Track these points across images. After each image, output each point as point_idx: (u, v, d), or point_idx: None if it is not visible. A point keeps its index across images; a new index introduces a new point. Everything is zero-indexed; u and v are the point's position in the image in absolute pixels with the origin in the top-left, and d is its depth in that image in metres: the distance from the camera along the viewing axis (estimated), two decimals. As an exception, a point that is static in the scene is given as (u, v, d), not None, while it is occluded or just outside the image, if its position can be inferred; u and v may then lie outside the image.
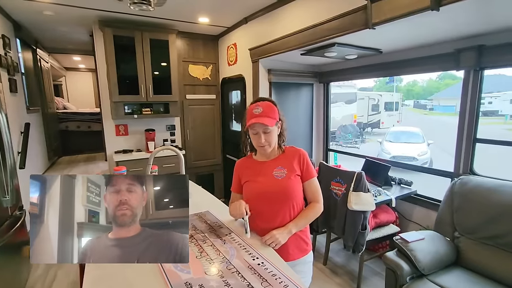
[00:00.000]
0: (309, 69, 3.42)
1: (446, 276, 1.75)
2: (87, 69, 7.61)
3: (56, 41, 4.45)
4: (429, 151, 7.40)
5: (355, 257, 2.73)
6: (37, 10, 2.85)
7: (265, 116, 1.22)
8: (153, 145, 3.60)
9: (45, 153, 4.27)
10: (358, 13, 1.84)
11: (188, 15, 3.12)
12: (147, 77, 3.34)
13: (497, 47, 1.88)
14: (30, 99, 3.66)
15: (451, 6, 1.41)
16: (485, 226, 1.81)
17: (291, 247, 1.28)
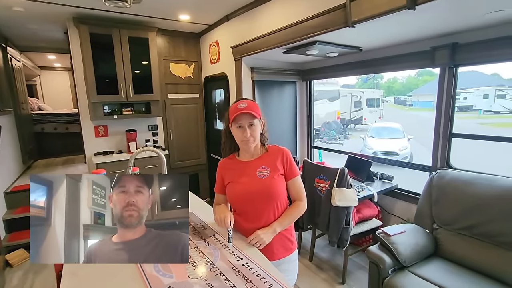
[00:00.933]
0: (291, 67, 3.44)
1: (426, 267, 1.81)
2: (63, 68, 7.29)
3: (28, 39, 4.22)
4: (409, 146, 7.66)
5: (339, 252, 2.78)
6: (5, 5, 2.69)
7: (250, 109, 1.24)
8: (134, 146, 3.51)
9: (19, 156, 4.07)
10: (338, 11, 1.86)
11: (168, 12, 3.04)
12: (126, 76, 3.24)
13: (470, 45, 1.96)
14: (0, 100, 3.46)
15: (426, 5, 1.44)
16: (462, 218, 1.88)
17: (275, 246, 1.28)
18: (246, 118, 1.24)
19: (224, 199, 1.38)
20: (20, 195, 3.15)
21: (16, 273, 2.58)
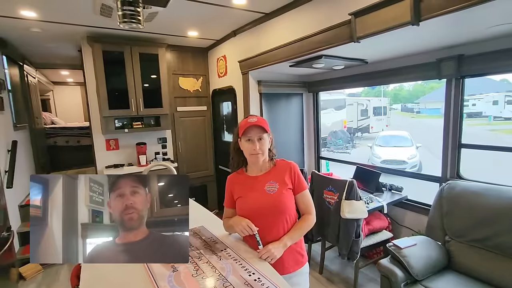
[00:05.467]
0: (298, 79, 3.49)
1: (439, 280, 1.78)
2: (75, 83, 7.51)
3: (43, 57, 4.40)
4: (418, 154, 7.56)
5: (350, 264, 2.75)
6: (23, 27, 2.83)
7: (260, 123, 1.28)
8: (144, 158, 3.57)
9: (33, 170, 4.17)
10: (343, 27, 1.91)
11: (177, 29, 3.15)
12: (137, 91, 3.33)
13: (476, 57, 1.97)
14: (17, 116, 3.59)
15: (430, 21, 1.48)
16: (474, 229, 1.86)
17: (286, 260, 1.29)
18: (256, 131, 1.28)
19: (233, 213, 1.40)
20: (34, 208, 3.21)
21: (29, 286, 2.62)
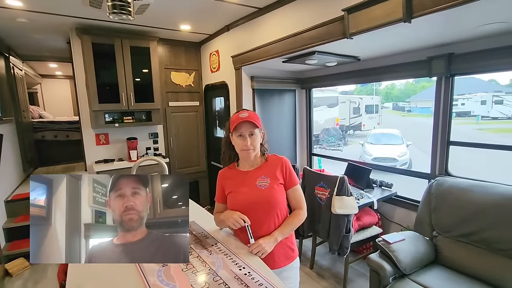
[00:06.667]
0: (291, 75, 3.48)
1: (426, 274, 1.82)
2: (64, 76, 7.34)
3: (30, 49, 4.28)
4: (408, 152, 7.69)
5: (340, 259, 2.78)
6: (9, 16, 2.74)
7: (251, 119, 1.27)
8: (135, 153, 3.52)
9: (20, 165, 4.07)
10: (336, 23, 1.91)
11: (169, 22, 3.10)
12: (128, 85, 3.28)
13: (466, 55, 2.00)
14: (3, 109, 3.49)
15: (422, 18, 1.49)
16: (460, 225, 1.90)
17: (277, 255, 1.30)
18: (247, 127, 1.27)
19: (225, 208, 1.39)
20: (21, 203, 3.15)
21: (15, 283, 2.56)
